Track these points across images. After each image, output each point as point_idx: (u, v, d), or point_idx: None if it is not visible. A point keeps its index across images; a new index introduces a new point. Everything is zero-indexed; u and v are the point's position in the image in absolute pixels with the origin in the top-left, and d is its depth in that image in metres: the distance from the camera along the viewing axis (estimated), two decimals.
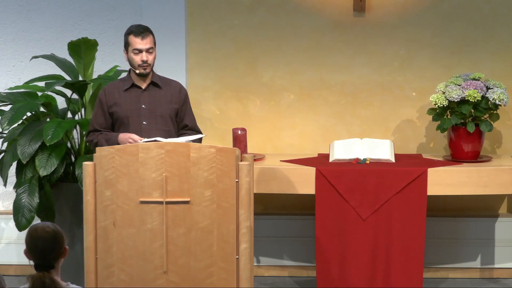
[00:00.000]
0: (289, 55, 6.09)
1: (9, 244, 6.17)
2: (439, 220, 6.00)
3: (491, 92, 5.58)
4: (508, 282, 5.96)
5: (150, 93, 5.05)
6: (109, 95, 5.05)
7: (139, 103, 5.02)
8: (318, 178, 5.42)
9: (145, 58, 4.98)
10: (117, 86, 5.08)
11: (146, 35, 4.98)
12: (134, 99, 5.03)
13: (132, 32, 5.00)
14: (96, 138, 5.03)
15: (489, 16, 5.98)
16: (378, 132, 6.09)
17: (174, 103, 5.08)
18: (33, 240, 3.58)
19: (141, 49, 4.98)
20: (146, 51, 4.98)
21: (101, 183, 4.35)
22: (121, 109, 5.01)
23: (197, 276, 4.33)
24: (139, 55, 4.99)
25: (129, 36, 5.00)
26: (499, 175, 5.43)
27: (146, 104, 5.02)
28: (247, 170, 4.32)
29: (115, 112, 5.02)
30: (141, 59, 4.99)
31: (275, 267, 6.12)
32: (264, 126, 6.14)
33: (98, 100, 5.08)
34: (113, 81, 5.20)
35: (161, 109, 5.03)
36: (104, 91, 5.09)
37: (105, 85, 5.17)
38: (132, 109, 5.01)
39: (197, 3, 6.08)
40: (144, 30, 5.00)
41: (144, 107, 5.01)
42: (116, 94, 5.04)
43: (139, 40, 4.97)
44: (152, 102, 5.03)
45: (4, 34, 6.17)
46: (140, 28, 5.01)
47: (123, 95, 5.03)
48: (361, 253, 5.42)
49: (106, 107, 5.05)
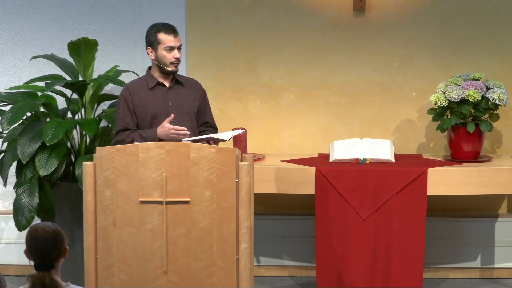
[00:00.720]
0: (289, 55, 6.09)
1: (9, 244, 6.17)
2: (439, 220, 6.00)
3: (491, 92, 5.58)
4: (508, 282, 5.96)
5: (175, 91, 5.02)
6: (135, 94, 4.99)
7: (166, 101, 4.99)
8: (318, 178, 5.42)
9: (178, 55, 4.98)
10: (141, 85, 5.03)
11: (177, 33, 4.99)
12: (160, 97, 4.99)
13: (162, 30, 4.96)
14: (129, 137, 4.93)
15: (489, 16, 5.98)
16: (378, 132, 6.09)
17: (197, 100, 5.08)
18: (33, 240, 3.58)
19: (174, 47, 4.96)
20: (177, 49, 4.98)
21: (101, 183, 4.34)
22: (149, 108, 4.97)
23: (197, 276, 4.33)
24: (172, 52, 4.96)
25: (158, 34, 4.96)
26: (499, 175, 5.43)
27: (173, 102, 5.00)
28: (247, 170, 4.32)
29: (142, 111, 4.98)
30: (173, 56, 4.96)
31: (275, 267, 6.12)
32: (264, 126, 6.14)
33: (123, 99, 5.00)
34: (134, 80, 5.13)
35: (187, 106, 5.03)
36: (129, 90, 5.01)
37: (126, 84, 5.10)
38: (160, 107, 4.98)
39: (197, 3, 6.08)
40: (174, 27, 5.00)
41: (171, 105, 4.99)
42: (141, 93, 4.99)
43: (172, 37, 4.95)
44: (178, 99, 5.01)
45: (4, 34, 6.17)
46: (170, 26, 4.99)
47: (149, 94, 4.99)
48: (361, 253, 5.42)
49: (132, 106, 5.00)
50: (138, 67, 6.11)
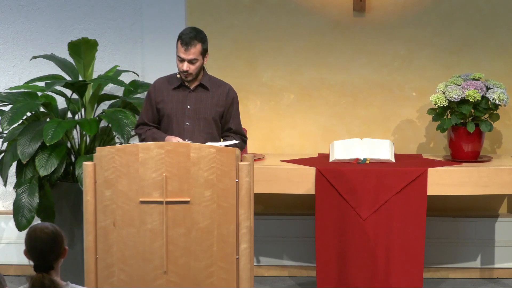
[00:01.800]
0: (289, 55, 6.09)
1: (9, 244, 6.17)
2: (439, 220, 6.00)
3: (491, 92, 5.58)
4: (508, 282, 5.96)
5: (197, 94, 4.97)
6: (158, 91, 4.98)
7: (185, 103, 4.95)
8: (318, 178, 5.42)
9: (186, 68, 4.88)
10: (166, 83, 4.99)
11: (191, 45, 4.85)
12: (181, 98, 4.96)
13: (181, 38, 4.88)
14: (144, 133, 4.95)
15: (489, 16, 5.98)
16: (378, 132, 6.09)
17: (220, 106, 4.97)
18: (32, 241, 3.58)
19: (184, 59, 4.90)
20: (188, 62, 4.90)
21: (101, 183, 4.34)
22: (167, 107, 4.95)
23: (197, 276, 4.33)
24: (181, 63, 4.91)
25: (178, 41, 4.89)
26: (499, 175, 5.44)
27: (191, 105, 4.95)
28: (247, 170, 4.32)
29: (162, 108, 4.97)
30: (182, 67, 4.91)
31: (275, 267, 6.12)
32: (264, 126, 6.14)
33: (148, 94, 5.01)
34: (164, 77, 5.08)
35: (205, 111, 4.95)
36: (154, 86, 5.01)
37: (156, 80, 5.07)
38: (178, 108, 4.95)
39: (197, 3, 6.07)
40: (191, 39, 4.87)
41: (189, 108, 4.95)
42: (164, 91, 4.98)
43: (183, 50, 4.85)
44: (197, 103, 4.95)
45: (4, 34, 6.17)
46: (188, 37, 4.87)
47: (171, 94, 4.97)
48: (361, 253, 5.42)
49: (154, 102, 5.00)
50: (138, 67, 6.11)
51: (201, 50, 4.89)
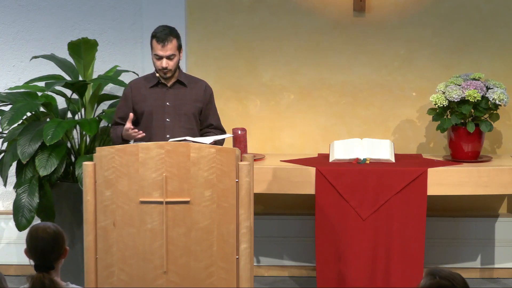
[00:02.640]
0: (289, 55, 6.09)
1: (9, 244, 6.17)
2: (439, 220, 6.00)
3: (491, 92, 5.58)
4: (508, 282, 5.96)
5: (175, 91, 5.05)
6: (136, 90, 5.06)
7: (164, 100, 5.02)
8: (318, 178, 5.42)
9: (165, 65, 4.96)
10: (143, 82, 5.10)
11: (167, 41, 4.94)
12: (159, 96, 5.03)
13: (155, 36, 4.97)
14: (112, 132, 5.11)
15: (489, 16, 5.98)
16: (378, 132, 6.09)
17: (198, 102, 5.07)
18: (34, 241, 3.58)
19: (162, 56, 4.96)
20: (166, 58, 4.96)
21: (101, 183, 4.34)
22: (146, 105, 5.02)
23: (197, 276, 4.33)
24: (160, 61, 4.97)
25: (152, 40, 4.98)
26: (499, 175, 5.43)
27: (170, 101, 5.02)
28: (247, 170, 4.32)
29: (141, 107, 5.03)
30: (160, 65, 4.97)
31: (275, 267, 6.12)
32: (264, 126, 6.14)
33: (124, 94, 5.11)
34: (139, 77, 5.21)
35: (185, 107, 5.03)
36: (131, 86, 5.09)
37: (131, 82, 5.16)
38: (157, 105, 5.01)
39: (197, 3, 6.08)
40: (166, 35, 4.95)
41: (169, 105, 5.01)
42: (142, 90, 5.05)
43: (160, 47, 4.94)
44: (176, 100, 5.03)
45: (4, 34, 6.17)
46: (163, 34, 4.96)
47: (149, 92, 5.04)
48: (361, 253, 5.42)
49: (131, 103, 5.06)
50: (138, 67, 6.11)
51: (177, 45, 5.00)
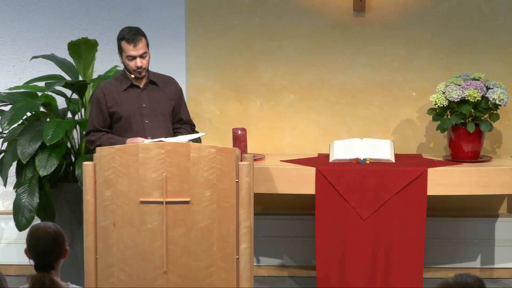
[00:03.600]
0: (289, 55, 6.09)
1: (9, 244, 6.17)
2: (439, 220, 6.00)
3: (491, 92, 5.58)
4: (508, 282, 5.96)
5: (149, 92, 5.06)
6: (109, 95, 5.04)
7: (140, 103, 5.03)
8: (318, 178, 5.42)
9: (139, 64, 4.99)
10: (115, 85, 5.08)
11: (138, 41, 4.96)
12: (134, 98, 5.03)
13: (124, 38, 4.98)
14: (99, 140, 5.01)
15: (489, 16, 5.98)
16: (378, 132, 6.09)
17: (172, 100, 5.11)
18: (34, 240, 3.58)
19: (135, 56, 4.97)
20: (139, 57, 4.98)
21: (101, 183, 4.34)
22: (123, 109, 5.01)
23: (197, 276, 4.33)
24: (133, 61, 4.99)
25: (121, 42, 4.99)
26: (499, 175, 5.43)
27: (146, 103, 5.03)
28: (247, 170, 4.32)
29: (116, 112, 5.03)
30: (135, 65, 4.99)
31: (275, 267, 6.12)
32: (264, 126, 6.14)
33: (96, 99, 5.07)
34: (109, 80, 5.17)
35: (161, 107, 5.05)
36: (102, 91, 5.07)
37: (100, 84, 5.15)
38: (134, 108, 5.02)
39: (197, 3, 6.08)
40: (135, 35, 4.97)
41: (145, 106, 5.02)
42: (115, 94, 5.04)
43: (132, 47, 4.96)
44: (152, 100, 5.04)
45: (4, 34, 6.17)
46: (131, 34, 4.97)
47: (123, 95, 5.03)
48: (361, 253, 5.42)
49: (106, 107, 5.04)
50: None
51: (146, 43, 5.03)
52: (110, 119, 5.06)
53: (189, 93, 6.06)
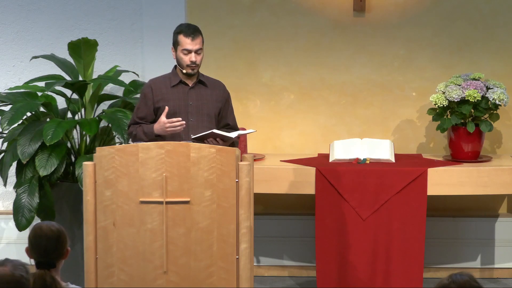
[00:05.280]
0: (289, 55, 6.09)
1: (9, 244, 6.17)
2: (439, 220, 6.00)
3: (491, 92, 5.58)
4: (508, 282, 5.96)
5: (197, 91, 5.02)
6: (157, 90, 5.00)
7: (186, 100, 4.99)
8: (318, 178, 5.42)
9: (194, 59, 4.94)
10: (163, 81, 5.03)
11: (196, 36, 4.94)
12: (181, 95, 5.00)
13: (182, 31, 4.94)
14: (135, 130, 4.97)
15: (489, 16, 5.98)
16: (378, 132, 6.09)
17: (219, 102, 5.05)
18: (38, 238, 3.59)
19: (191, 50, 4.92)
20: (195, 52, 4.95)
21: (101, 183, 4.34)
22: (169, 104, 4.97)
23: (197, 276, 4.33)
24: (188, 55, 4.94)
25: (179, 35, 4.95)
26: (499, 175, 5.44)
27: (193, 101, 5.00)
28: (247, 170, 4.32)
29: (163, 106, 4.99)
30: (189, 59, 4.94)
31: (275, 267, 6.12)
32: (264, 126, 6.14)
33: (143, 94, 5.02)
34: (158, 77, 5.12)
35: (207, 107, 5.01)
36: (151, 86, 5.02)
37: (149, 80, 5.11)
38: (180, 105, 4.98)
39: (197, 3, 6.08)
40: (194, 30, 4.95)
41: (192, 104, 4.99)
42: (163, 89, 5.01)
43: (189, 41, 4.91)
44: (199, 99, 5.01)
45: (4, 34, 6.17)
46: (191, 29, 4.95)
47: (171, 91, 5.00)
48: (361, 253, 5.42)
49: (152, 102, 5.00)
50: (138, 67, 6.11)
51: (202, 41, 5.00)
52: (155, 115, 5.02)
53: None
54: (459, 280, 3.06)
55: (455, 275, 3.08)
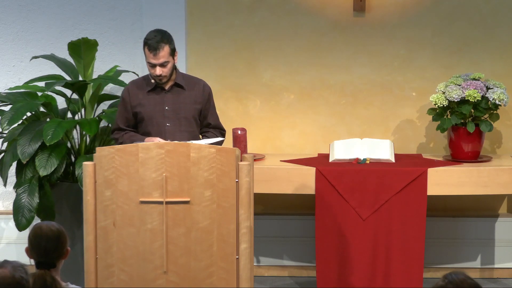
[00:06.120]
0: (289, 55, 6.09)
1: (9, 244, 6.17)
2: (439, 220, 6.00)
3: (491, 92, 5.58)
4: (508, 282, 5.96)
5: (173, 94, 4.97)
6: (133, 95, 4.98)
7: (162, 105, 4.96)
8: (318, 178, 5.42)
9: (158, 73, 4.87)
10: (141, 85, 5.00)
11: (159, 49, 4.82)
12: (158, 100, 4.97)
13: (146, 44, 4.86)
14: (121, 137, 4.96)
15: (489, 16, 5.98)
16: (378, 132, 6.09)
17: (198, 103, 5.01)
18: (37, 238, 3.60)
19: (155, 64, 4.90)
20: (160, 65, 4.89)
21: (101, 183, 4.34)
22: (145, 110, 4.96)
23: (197, 276, 4.33)
24: (153, 69, 4.90)
25: (144, 47, 4.87)
26: (499, 175, 5.44)
27: (169, 105, 4.96)
28: (247, 170, 4.32)
29: (139, 112, 4.97)
30: (154, 72, 4.91)
31: (275, 267, 6.12)
32: (264, 126, 6.14)
33: (122, 98, 5.01)
34: (136, 79, 5.11)
35: (185, 110, 4.97)
36: (128, 90, 5.01)
37: (128, 83, 5.09)
38: (156, 110, 4.95)
39: (197, 3, 6.08)
40: (158, 43, 4.83)
41: (168, 109, 4.96)
42: (140, 94, 4.98)
43: (152, 55, 4.84)
44: (175, 103, 4.97)
45: (4, 34, 6.17)
46: (154, 41, 4.84)
47: (147, 96, 4.97)
48: (361, 253, 5.42)
49: (130, 107, 4.99)
50: (138, 67, 6.11)
51: (169, 52, 4.89)
52: (135, 118, 5.01)
53: None
54: (456, 279, 3.06)
55: (450, 275, 3.09)
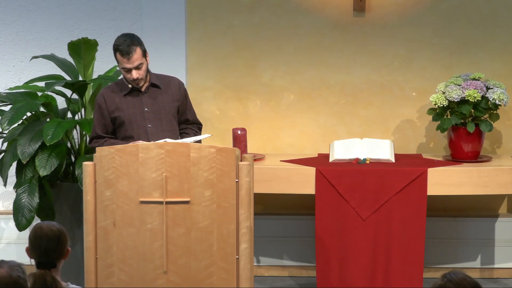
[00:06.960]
0: (289, 55, 6.09)
1: (9, 244, 6.17)
2: (439, 220, 6.00)
3: (491, 92, 5.58)
4: (508, 282, 5.96)
5: (150, 95, 4.99)
6: (109, 100, 4.97)
7: (141, 107, 4.96)
8: (318, 178, 5.42)
9: (135, 76, 4.87)
10: (116, 90, 5.00)
11: (132, 52, 4.83)
12: (136, 102, 4.97)
13: (118, 50, 4.86)
14: (101, 145, 4.90)
15: (489, 16, 5.98)
16: (378, 132, 6.09)
17: (176, 101, 5.04)
18: (38, 238, 3.60)
19: (130, 68, 4.89)
20: (135, 68, 4.89)
21: (101, 183, 4.34)
22: (124, 113, 4.95)
23: (197, 276, 4.33)
24: (129, 73, 4.89)
25: (116, 54, 4.88)
26: (499, 175, 5.43)
27: (148, 107, 4.97)
28: (247, 170, 4.32)
29: (118, 117, 4.96)
30: (131, 77, 4.90)
31: (275, 267, 6.12)
32: (264, 126, 6.14)
33: (98, 105, 4.99)
34: (109, 85, 5.09)
35: (165, 110, 4.99)
36: (103, 96, 4.99)
37: (102, 90, 5.08)
38: (136, 113, 4.95)
39: (197, 3, 6.08)
40: (129, 47, 4.84)
41: (148, 110, 4.96)
42: (116, 99, 4.98)
43: (126, 60, 4.84)
44: (154, 104, 4.97)
45: (4, 34, 6.17)
46: (125, 46, 4.84)
47: (124, 100, 4.97)
48: (361, 253, 5.42)
49: (107, 113, 4.98)
50: None
51: (141, 53, 4.90)
52: (113, 124, 5.01)
53: (189, 93, 6.05)
54: (455, 278, 3.06)
55: (449, 274, 3.09)
